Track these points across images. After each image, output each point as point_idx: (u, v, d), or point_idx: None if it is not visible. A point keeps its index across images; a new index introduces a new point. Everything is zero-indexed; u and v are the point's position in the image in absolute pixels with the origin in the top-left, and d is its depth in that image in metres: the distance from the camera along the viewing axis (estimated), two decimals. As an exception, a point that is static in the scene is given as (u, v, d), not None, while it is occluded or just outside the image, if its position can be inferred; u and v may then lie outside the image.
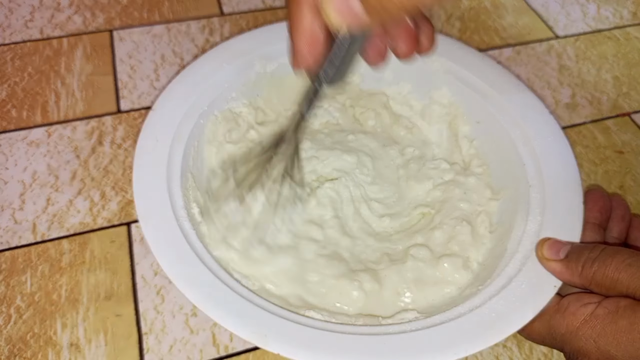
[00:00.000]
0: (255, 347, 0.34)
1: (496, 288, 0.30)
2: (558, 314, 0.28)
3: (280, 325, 0.28)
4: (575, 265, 0.29)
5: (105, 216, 0.39)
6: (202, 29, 0.53)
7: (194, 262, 0.30)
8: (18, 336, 0.33)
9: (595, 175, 0.44)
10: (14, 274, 0.36)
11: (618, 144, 0.46)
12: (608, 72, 0.52)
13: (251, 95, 0.42)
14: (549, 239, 0.31)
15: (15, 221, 0.38)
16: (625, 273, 0.27)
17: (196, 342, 0.34)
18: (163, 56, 0.50)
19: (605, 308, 0.27)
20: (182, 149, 0.36)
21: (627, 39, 0.55)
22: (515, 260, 0.31)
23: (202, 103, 0.38)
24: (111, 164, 0.42)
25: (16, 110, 0.45)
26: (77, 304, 0.35)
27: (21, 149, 0.42)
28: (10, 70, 0.48)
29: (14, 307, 0.34)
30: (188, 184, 0.35)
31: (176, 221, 0.32)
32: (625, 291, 0.27)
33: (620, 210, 0.34)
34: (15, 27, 0.51)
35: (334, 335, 0.28)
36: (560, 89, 0.50)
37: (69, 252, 0.37)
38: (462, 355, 0.27)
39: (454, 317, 0.29)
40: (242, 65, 0.41)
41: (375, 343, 0.27)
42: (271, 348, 0.27)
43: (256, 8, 0.55)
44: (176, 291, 0.35)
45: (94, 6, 0.54)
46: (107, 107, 0.46)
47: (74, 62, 0.49)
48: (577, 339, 0.27)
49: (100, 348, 0.33)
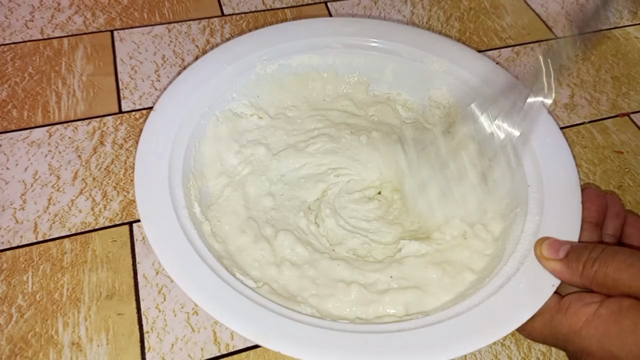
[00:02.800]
0: (256, 345, 0.34)
1: (495, 287, 0.30)
2: (560, 314, 0.28)
3: (281, 323, 0.28)
4: (576, 265, 0.29)
5: (107, 216, 0.39)
6: (202, 30, 0.53)
7: (196, 261, 0.30)
8: (19, 335, 0.33)
9: (594, 175, 0.44)
10: (16, 273, 0.36)
11: (617, 144, 0.46)
12: (607, 72, 0.52)
13: (252, 96, 0.42)
14: (548, 238, 0.31)
15: (17, 221, 0.38)
16: (627, 273, 0.27)
17: (197, 341, 0.34)
18: (164, 57, 0.50)
19: (607, 308, 0.27)
20: (184, 149, 0.36)
21: (627, 39, 0.56)
22: (514, 260, 0.31)
23: (203, 103, 0.39)
24: (113, 164, 0.42)
25: (17, 111, 0.45)
26: (78, 303, 0.35)
27: (22, 149, 0.42)
28: (10, 71, 0.48)
29: (16, 307, 0.35)
30: (189, 183, 0.35)
31: (178, 220, 0.32)
32: (627, 291, 0.27)
33: (615, 208, 0.34)
34: (16, 27, 0.52)
35: (334, 333, 0.28)
36: (559, 89, 0.50)
37: (71, 252, 0.37)
38: (460, 353, 0.27)
39: (452, 315, 0.29)
40: (242, 66, 0.41)
41: (375, 341, 0.28)
42: (272, 346, 0.27)
43: (256, 9, 0.56)
44: (177, 290, 0.36)
45: (94, 6, 0.54)
46: (109, 107, 0.46)
47: (74, 62, 0.49)
48: (580, 339, 0.27)
49: (102, 347, 0.33)
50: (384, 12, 0.56)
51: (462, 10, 0.57)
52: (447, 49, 0.43)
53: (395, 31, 0.44)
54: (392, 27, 0.45)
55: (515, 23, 0.56)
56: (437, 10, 0.57)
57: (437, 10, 0.57)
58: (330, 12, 0.56)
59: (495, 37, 0.55)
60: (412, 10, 0.57)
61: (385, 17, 0.55)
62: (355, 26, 0.44)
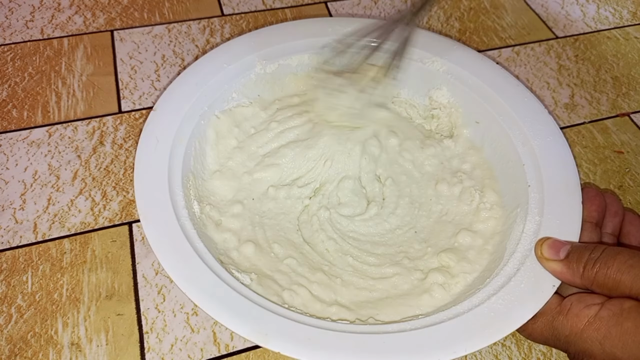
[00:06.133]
0: (255, 346, 0.34)
1: (495, 287, 0.30)
2: (561, 316, 0.28)
3: (281, 324, 0.28)
4: (577, 265, 0.29)
5: (107, 216, 0.39)
6: (202, 30, 0.53)
7: (195, 261, 0.30)
8: (19, 335, 0.33)
9: (594, 175, 0.44)
10: (15, 273, 0.36)
11: (617, 144, 0.46)
12: (607, 72, 0.52)
13: (251, 96, 0.42)
14: (548, 238, 0.31)
15: (16, 221, 0.38)
16: (628, 274, 0.27)
17: (197, 341, 0.34)
18: (164, 57, 0.50)
19: (609, 310, 0.27)
20: (183, 149, 0.36)
21: (627, 39, 0.56)
22: (514, 260, 0.31)
23: (203, 103, 0.39)
24: (112, 164, 0.42)
25: (17, 111, 0.45)
26: (78, 303, 0.35)
27: (22, 149, 0.42)
28: (10, 70, 0.48)
29: (15, 307, 0.35)
30: (189, 183, 0.35)
31: (177, 221, 0.32)
32: (627, 292, 0.27)
33: (613, 206, 0.34)
34: (16, 27, 0.52)
35: (333, 333, 0.28)
36: (559, 89, 0.50)
37: (70, 252, 0.37)
38: (461, 353, 0.27)
39: (453, 315, 0.29)
40: (242, 66, 0.41)
41: (375, 341, 0.28)
42: (271, 347, 0.27)
43: (256, 9, 0.55)
44: (177, 290, 0.36)
45: (94, 6, 0.54)
46: (108, 107, 0.46)
47: (74, 62, 0.49)
48: (581, 341, 0.27)
49: (102, 347, 0.33)
50: (384, 12, 0.56)
51: (462, 10, 0.57)
52: (447, 49, 0.43)
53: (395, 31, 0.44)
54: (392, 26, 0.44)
55: (515, 23, 0.56)
56: (437, 10, 0.57)
57: (437, 10, 0.57)
58: (330, 12, 0.56)
59: (495, 37, 0.55)
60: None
61: (386, 17, 0.55)
62: (355, 26, 0.43)
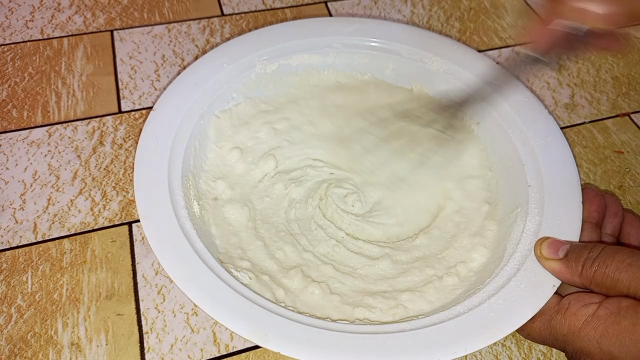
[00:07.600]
0: (255, 346, 0.34)
1: (495, 287, 0.30)
2: (559, 315, 0.28)
3: (281, 324, 0.28)
4: (575, 264, 0.29)
5: (107, 216, 0.39)
6: (202, 30, 0.53)
7: (195, 261, 0.30)
8: (19, 336, 0.33)
9: (595, 175, 0.44)
10: (15, 273, 0.36)
11: (617, 144, 0.46)
12: (607, 72, 0.52)
13: (251, 96, 0.42)
14: (548, 238, 0.31)
15: (16, 221, 0.38)
16: (626, 273, 0.27)
17: (197, 341, 0.34)
18: (164, 56, 0.50)
19: (606, 309, 0.27)
20: (183, 149, 0.36)
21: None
22: (514, 260, 0.31)
23: (203, 103, 0.39)
24: (112, 164, 0.42)
25: (17, 111, 0.45)
26: (78, 303, 0.35)
27: (22, 149, 0.42)
28: (10, 70, 0.48)
29: (15, 307, 0.35)
30: (189, 183, 0.35)
31: (177, 221, 0.32)
32: (626, 291, 0.27)
33: (613, 207, 0.34)
34: (16, 27, 0.51)
35: (333, 334, 0.28)
36: (559, 89, 0.50)
37: (70, 252, 0.37)
38: (461, 354, 0.27)
39: (453, 316, 0.29)
40: (242, 65, 0.41)
41: (374, 342, 0.28)
42: (271, 347, 0.27)
43: (256, 9, 0.55)
44: (177, 290, 0.36)
45: (94, 6, 0.54)
46: (108, 107, 0.46)
47: (74, 62, 0.49)
48: (579, 340, 0.27)
49: (101, 347, 0.33)
50: (384, 12, 0.56)
51: (462, 10, 0.57)
52: (448, 49, 0.43)
53: (395, 31, 0.44)
54: (392, 26, 0.45)
55: (515, 23, 0.56)
56: (437, 10, 0.57)
57: (437, 10, 0.57)
58: (330, 12, 0.56)
59: (495, 37, 0.55)
60: (412, 10, 0.57)
61: (386, 17, 0.55)
62: (355, 26, 0.44)
